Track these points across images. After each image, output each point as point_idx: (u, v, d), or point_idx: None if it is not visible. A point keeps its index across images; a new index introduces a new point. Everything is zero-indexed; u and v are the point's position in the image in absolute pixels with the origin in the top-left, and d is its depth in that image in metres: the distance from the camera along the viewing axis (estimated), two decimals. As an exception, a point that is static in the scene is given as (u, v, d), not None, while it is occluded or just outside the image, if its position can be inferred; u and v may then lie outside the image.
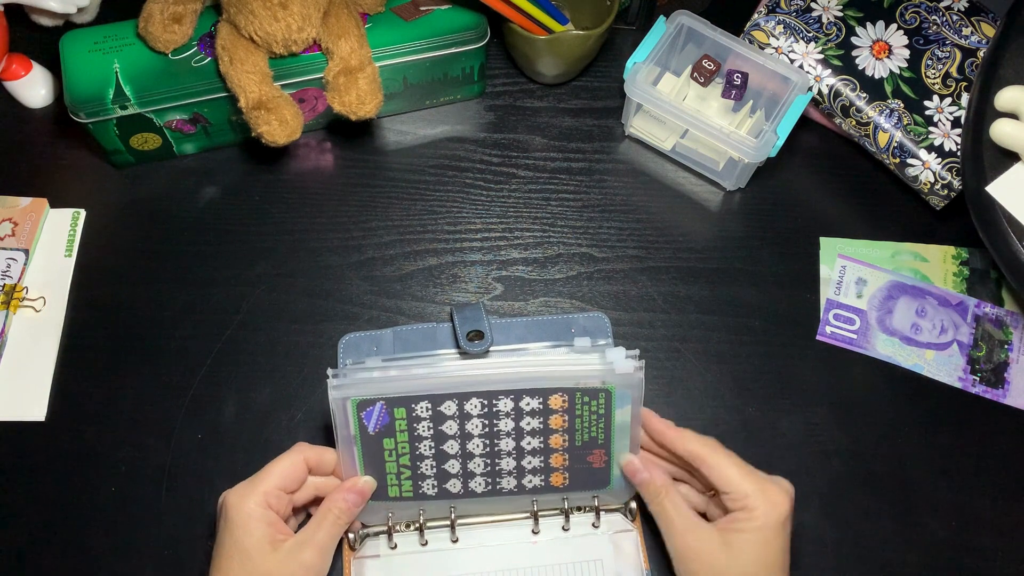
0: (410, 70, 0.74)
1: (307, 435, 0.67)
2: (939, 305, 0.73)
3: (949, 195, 0.72)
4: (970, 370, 0.71)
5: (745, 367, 0.70)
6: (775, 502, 0.56)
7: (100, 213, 0.74)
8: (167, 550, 0.63)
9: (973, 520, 0.66)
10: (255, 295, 0.71)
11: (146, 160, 0.75)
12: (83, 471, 0.65)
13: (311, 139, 0.78)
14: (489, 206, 0.76)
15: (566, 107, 0.80)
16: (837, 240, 0.75)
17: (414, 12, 0.73)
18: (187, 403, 0.67)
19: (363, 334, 0.69)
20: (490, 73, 0.81)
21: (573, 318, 0.70)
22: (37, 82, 0.77)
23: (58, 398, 0.67)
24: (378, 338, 0.69)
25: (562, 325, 0.70)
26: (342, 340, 0.69)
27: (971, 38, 0.74)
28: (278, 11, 0.66)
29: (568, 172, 0.78)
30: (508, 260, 0.74)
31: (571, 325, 0.70)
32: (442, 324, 0.69)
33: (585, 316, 0.70)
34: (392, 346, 0.68)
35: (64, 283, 0.71)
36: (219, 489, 0.64)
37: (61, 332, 0.69)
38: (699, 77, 0.74)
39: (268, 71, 0.69)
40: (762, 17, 0.76)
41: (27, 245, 0.71)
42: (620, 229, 0.75)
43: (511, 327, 0.69)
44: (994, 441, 0.69)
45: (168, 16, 0.68)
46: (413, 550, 0.62)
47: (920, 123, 0.72)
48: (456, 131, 0.79)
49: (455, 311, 0.68)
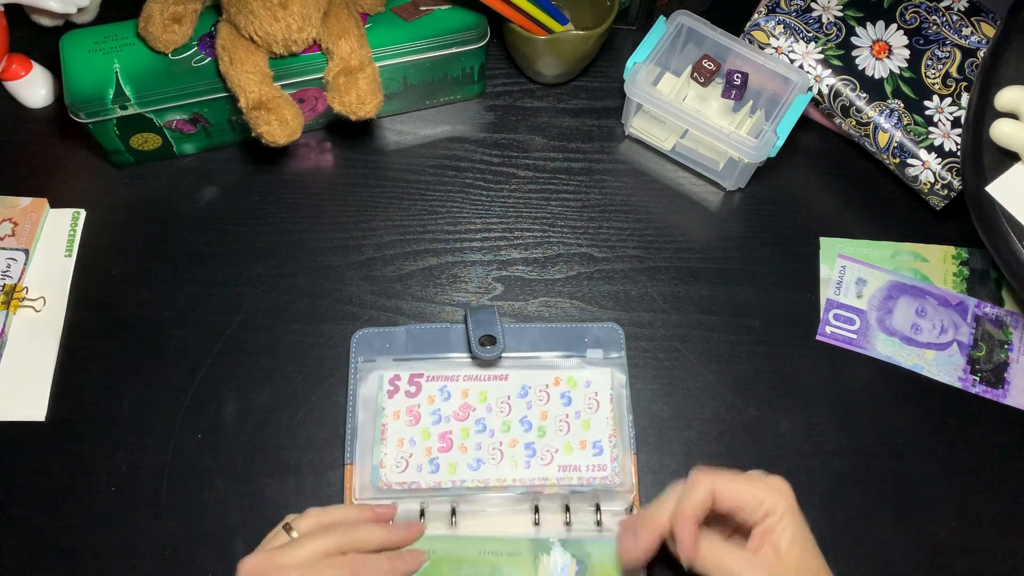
0: (410, 70, 0.74)
1: (307, 434, 0.67)
2: (939, 305, 0.73)
3: (949, 195, 0.72)
4: (970, 370, 0.71)
5: (745, 367, 0.70)
6: (781, 490, 0.57)
7: (100, 213, 0.74)
8: (167, 550, 0.63)
9: (973, 520, 0.66)
10: (255, 295, 0.71)
11: (146, 160, 0.75)
12: (83, 471, 0.65)
13: (311, 139, 0.78)
14: (489, 206, 0.76)
15: (566, 107, 0.80)
16: (837, 240, 0.75)
17: (414, 12, 0.73)
18: (187, 403, 0.67)
19: (376, 330, 0.69)
20: (490, 73, 0.81)
21: (587, 327, 0.70)
22: (37, 82, 0.77)
23: (58, 398, 0.67)
24: (391, 335, 0.69)
25: (575, 335, 0.70)
26: (355, 335, 0.69)
27: (971, 38, 0.74)
28: (278, 11, 0.66)
29: (568, 172, 0.78)
30: (508, 260, 0.74)
31: (584, 335, 0.70)
32: (456, 325, 0.69)
33: (599, 326, 0.70)
34: (405, 345, 0.69)
35: (64, 283, 0.71)
36: (219, 489, 0.65)
37: (61, 332, 0.69)
38: (699, 77, 0.74)
39: (268, 71, 0.69)
40: (762, 17, 0.76)
41: (27, 245, 0.71)
42: (620, 229, 0.75)
43: (524, 333, 0.69)
44: (994, 441, 0.69)
45: (168, 16, 0.68)
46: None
47: (920, 123, 0.72)
48: (456, 131, 0.79)
49: (469, 313, 0.68)
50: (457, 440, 0.65)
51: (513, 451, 0.64)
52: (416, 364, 0.67)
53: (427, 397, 0.66)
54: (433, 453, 0.64)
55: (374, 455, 0.64)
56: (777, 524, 0.56)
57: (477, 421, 0.65)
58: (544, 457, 0.64)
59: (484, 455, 0.64)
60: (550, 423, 0.65)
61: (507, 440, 0.65)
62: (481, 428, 0.65)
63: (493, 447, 0.65)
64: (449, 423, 0.65)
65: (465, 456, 0.64)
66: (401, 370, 0.67)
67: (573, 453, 0.64)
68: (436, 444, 0.65)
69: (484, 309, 0.68)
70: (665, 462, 0.67)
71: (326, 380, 0.68)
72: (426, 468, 0.64)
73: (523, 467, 0.64)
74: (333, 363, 0.69)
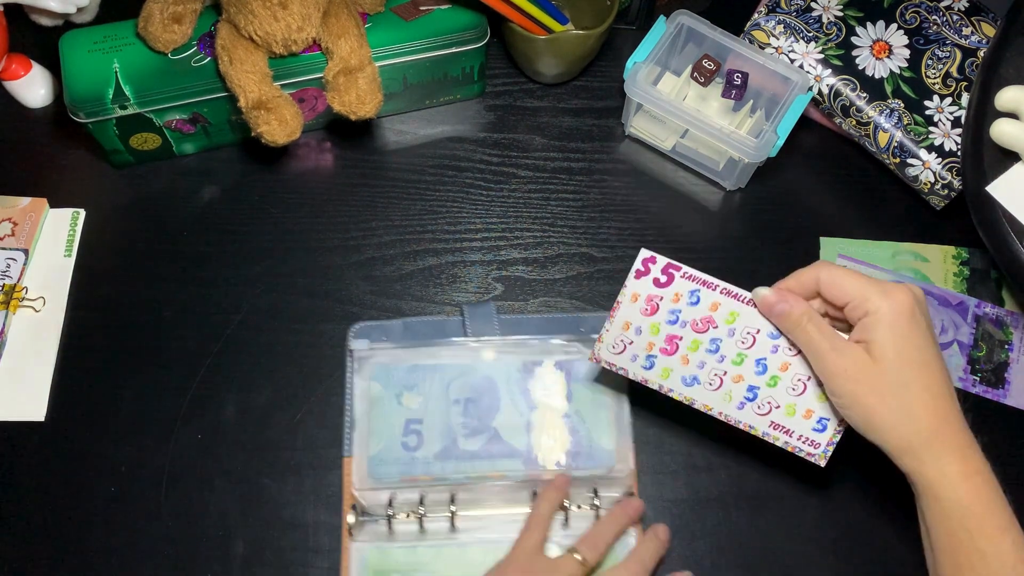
0: (410, 70, 0.74)
1: (307, 435, 0.67)
2: (939, 305, 0.73)
3: (949, 195, 0.72)
4: (970, 370, 0.71)
5: (745, 367, 0.70)
6: (896, 297, 0.55)
7: (100, 213, 0.74)
8: (167, 550, 0.63)
9: (973, 520, 0.65)
10: (255, 295, 0.71)
11: (146, 160, 0.75)
12: (83, 471, 0.65)
13: (311, 139, 0.78)
14: (489, 206, 0.76)
15: (566, 107, 0.80)
16: (837, 240, 0.75)
17: (414, 12, 0.73)
18: (187, 403, 0.67)
19: (374, 323, 0.70)
20: (490, 73, 0.81)
21: (583, 317, 0.71)
22: (37, 82, 0.77)
23: (58, 398, 0.67)
24: (388, 328, 0.69)
25: (572, 323, 0.70)
26: (353, 327, 0.69)
27: (971, 38, 0.74)
28: (278, 11, 0.66)
29: (568, 172, 0.78)
30: (508, 260, 0.74)
31: (580, 324, 0.70)
32: (452, 318, 0.70)
33: (596, 316, 0.71)
34: (402, 337, 0.69)
35: (64, 283, 0.71)
36: (219, 489, 0.65)
37: (61, 332, 0.69)
38: (699, 77, 0.74)
39: (268, 71, 0.68)
40: (762, 17, 0.76)
41: (27, 245, 0.71)
42: (620, 229, 0.75)
43: (521, 324, 0.70)
44: (994, 441, 0.68)
45: (168, 16, 0.68)
46: (412, 538, 0.63)
47: (920, 123, 0.72)
48: (456, 131, 0.79)
49: (465, 308, 0.69)
50: (683, 349, 0.61)
51: (734, 386, 0.60)
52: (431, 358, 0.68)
53: (674, 293, 0.61)
54: (654, 350, 0.61)
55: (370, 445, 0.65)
56: (876, 326, 0.54)
57: (712, 340, 0.61)
58: (762, 407, 0.60)
59: (703, 375, 0.61)
60: (787, 377, 0.60)
61: (733, 372, 0.60)
62: (714, 348, 0.60)
63: (715, 372, 0.60)
64: (684, 328, 0.61)
65: (685, 368, 0.61)
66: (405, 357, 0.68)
67: (794, 418, 0.60)
68: (661, 343, 0.61)
69: (482, 304, 0.70)
70: (665, 462, 0.67)
71: (326, 380, 0.68)
72: (641, 360, 0.61)
73: (735, 406, 0.60)
74: (333, 363, 0.69)
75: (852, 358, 0.55)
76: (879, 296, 0.55)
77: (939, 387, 0.54)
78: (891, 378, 0.54)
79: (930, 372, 0.54)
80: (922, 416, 0.54)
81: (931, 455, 0.54)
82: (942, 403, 0.54)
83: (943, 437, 0.54)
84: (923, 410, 0.54)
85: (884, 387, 0.54)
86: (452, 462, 0.64)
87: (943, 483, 0.53)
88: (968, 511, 0.53)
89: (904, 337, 0.54)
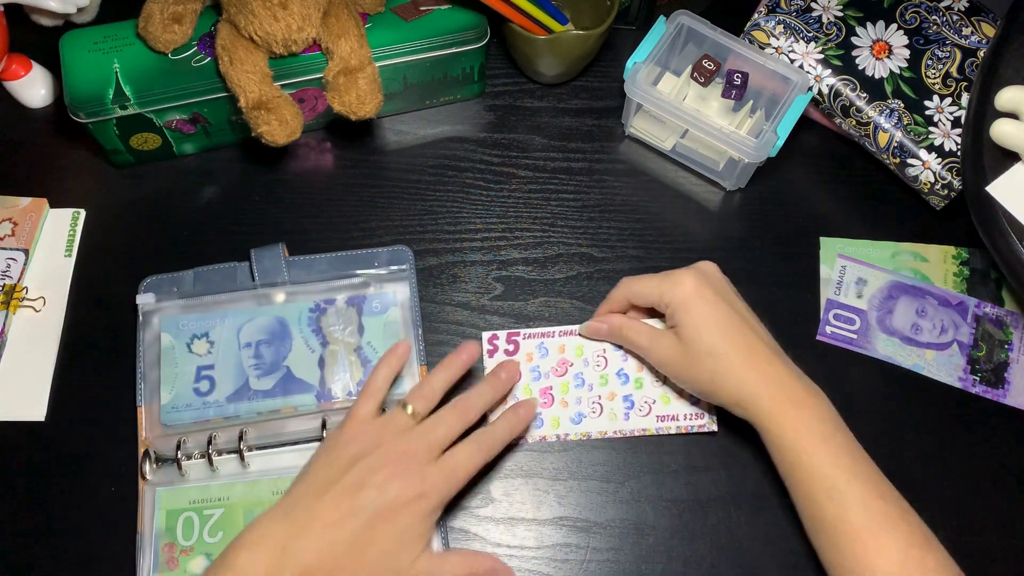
0: (410, 70, 0.74)
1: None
2: (939, 305, 0.73)
3: (949, 195, 0.72)
4: (970, 370, 0.71)
5: (745, 367, 0.70)
6: (681, 282, 0.62)
7: (100, 213, 0.74)
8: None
9: (973, 520, 0.66)
10: (255, 295, 0.71)
11: (146, 160, 0.75)
12: (83, 471, 0.65)
13: (311, 139, 0.78)
14: (489, 206, 0.76)
15: (566, 107, 0.80)
16: (837, 240, 0.75)
17: (414, 12, 0.73)
18: (187, 403, 0.67)
19: (165, 276, 0.70)
20: (490, 73, 0.81)
21: (377, 252, 0.71)
22: (37, 82, 0.77)
23: (58, 398, 0.67)
24: (179, 279, 0.70)
25: (364, 259, 0.71)
26: (144, 282, 0.69)
27: (971, 38, 0.74)
28: (278, 11, 0.66)
29: (568, 172, 0.78)
30: (508, 260, 0.74)
31: (375, 259, 0.71)
32: (243, 264, 0.70)
33: (389, 250, 0.72)
34: (192, 287, 0.69)
35: (64, 283, 0.71)
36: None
37: (61, 332, 0.69)
38: (699, 77, 0.74)
39: (268, 71, 0.68)
40: (762, 17, 0.76)
41: (27, 245, 0.71)
42: (620, 229, 0.75)
43: (313, 264, 0.71)
44: (994, 441, 0.69)
45: (168, 16, 0.68)
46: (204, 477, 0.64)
47: (920, 123, 0.72)
48: (456, 131, 0.79)
49: (253, 253, 0.70)
50: (558, 396, 0.68)
51: (612, 404, 0.67)
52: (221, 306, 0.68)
53: (526, 355, 0.69)
54: (537, 410, 0.67)
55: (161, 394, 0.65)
56: (674, 313, 0.62)
57: (576, 376, 0.68)
58: (642, 408, 0.67)
59: (584, 409, 0.67)
60: (646, 375, 0.68)
61: (605, 393, 0.67)
62: (580, 383, 0.68)
63: (592, 401, 0.67)
64: (549, 378, 0.68)
65: (567, 410, 0.67)
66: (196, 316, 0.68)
67: (671, 404, 0.67)
68: (538, 400, 0.67)
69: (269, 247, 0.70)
70: (665, 462, 0.67)
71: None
72: (534, 423, 0.67)
73: (623, 420, 0.67)
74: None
75: (666, 345, 0.63)
76: (669, 288, 0.63)
77: (746, 343, 0.61)
78: (697, 349, 0.61)
79: (733, 334, 0.61)
80: (739, 372, 0.60)
81: (753, 402, 0.60)
82: (755, 355, 0.61)
83: (765, 381, 0.60)
84: (739, 367, 0.60)
85: (695, 359, 0.61)
86: (244, 403, 0.65)
87: (771, 420, 0.60)
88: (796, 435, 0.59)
89: (698, 313, 0.61)
